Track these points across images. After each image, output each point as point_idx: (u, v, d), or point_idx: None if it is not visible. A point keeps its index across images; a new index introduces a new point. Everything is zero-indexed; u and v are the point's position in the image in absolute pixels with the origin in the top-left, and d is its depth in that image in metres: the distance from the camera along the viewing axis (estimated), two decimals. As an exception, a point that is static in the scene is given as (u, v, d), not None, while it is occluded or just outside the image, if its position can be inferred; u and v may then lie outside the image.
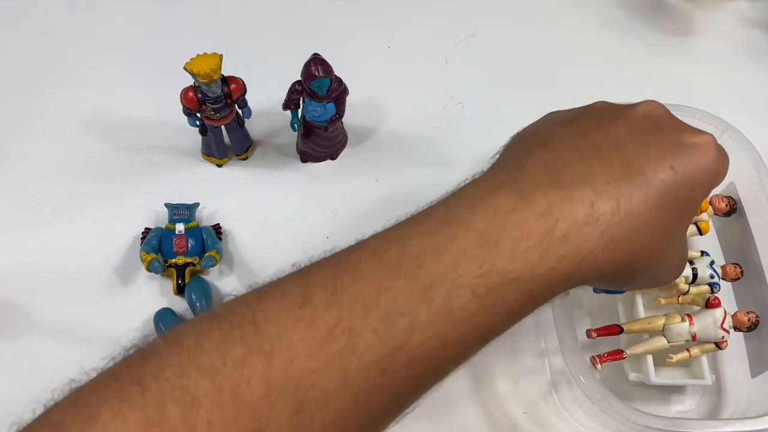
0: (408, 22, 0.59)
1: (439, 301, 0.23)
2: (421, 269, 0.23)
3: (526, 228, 0.24)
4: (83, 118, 0.52)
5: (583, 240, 0.24)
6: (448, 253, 0.24)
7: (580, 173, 0.25)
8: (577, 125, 0.28)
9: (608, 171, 0.25)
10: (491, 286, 0.23)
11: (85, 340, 0.41)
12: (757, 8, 0.61)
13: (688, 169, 0.27)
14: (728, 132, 0.43)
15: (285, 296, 0.23)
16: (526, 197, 0.25)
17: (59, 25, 0.58)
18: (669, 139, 0.27)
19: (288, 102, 0.46)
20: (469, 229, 0.24)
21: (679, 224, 0.28)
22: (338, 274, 0.24)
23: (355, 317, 0.22)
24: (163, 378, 0.21)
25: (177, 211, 0.45)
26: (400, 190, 0.49)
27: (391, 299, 0.23)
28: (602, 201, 0.25)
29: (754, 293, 0.40)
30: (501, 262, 0.24)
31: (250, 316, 0.22)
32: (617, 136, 0.27)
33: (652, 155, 0.26)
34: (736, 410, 0.38)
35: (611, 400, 0.33)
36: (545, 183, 0.25)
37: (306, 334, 0.22)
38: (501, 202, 0.25)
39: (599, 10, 0.61)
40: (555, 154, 0.26)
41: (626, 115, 0.28)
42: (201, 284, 0.43)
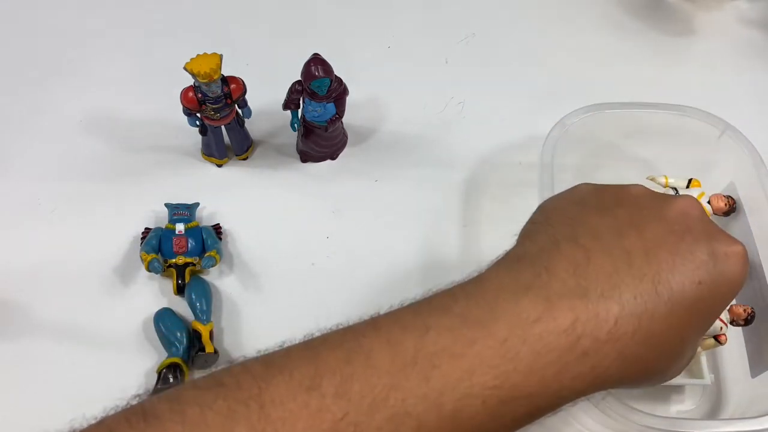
0: (408, 22, 0.59)
1: (449, 409, 0.22)
2: (435, 371, 0.23)
3: (547, 342, 0.23)
4: (83, 118, 0.52)
5: (601, 359, 0.24)
6: (465, 358, 0.23)
7: (609, 284, 0.25)
8: (611, 216, 0.27)
9: (637, 285, 0.25)
10: (503, 399, 0.23)
11: (85, 340, 0.41)
12: (757, 8, 0.61)
13: (716, 283, 0.26)
14: (728, 132, 0.43)
15: (293, 376, 0.22)
16: (551, 307, 0.24)
17: (59, 25, 0.58)
18: (701, 250, 0.26)
19: (288, 102, 0.46)
20: (489, 335, 0.23)
21: (697, 335, 0.28)
22: (349, 362, 0.23)
23: (362, 413, 0.22)
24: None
25: (177, 211, 0.45)
26: (400, 190, 0.49)
27: (401, 398, 0.22)
28: (626, 319, 0.24)
29: (754, 294, 0.40)
30: (517, 376, 0.23)
31: (257, 393, 0.22)
32: (650, 241, 0.26)
33: (683, 269, 0.25)
34: (736, 410, 0.38)
35: (611, 400, 0.33)
36: (572, 292, 0.24)
37: (311, 424, 0.21)
38: (525, 310, 0.24)
39: (599, 10, 0.61)
40: (585, 255, 0.25)
41: (662, 214, 0.27)
42: (201, 284, 0.43)
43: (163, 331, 0.41)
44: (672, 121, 0.45)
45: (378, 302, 0.44)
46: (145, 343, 0.41)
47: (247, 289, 0.44)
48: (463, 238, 0.46)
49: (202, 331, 0.40)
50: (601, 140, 0.46)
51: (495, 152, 0.51)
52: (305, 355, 0.24)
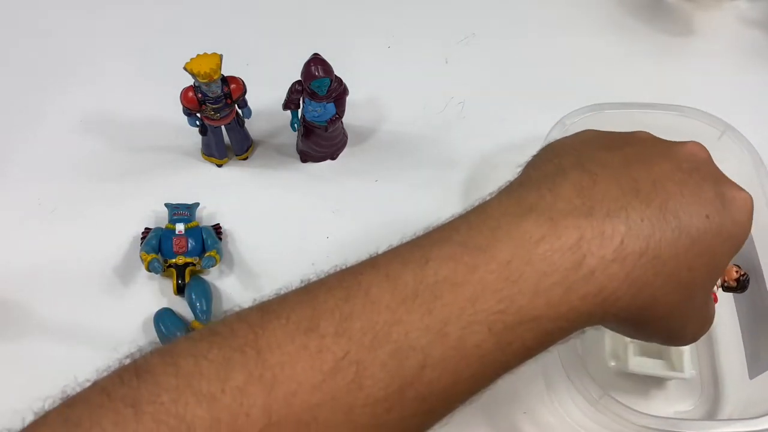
0: (408, 22, 0.59)
1: (454, 338, 0.22)
2: (437, 301, 0.22)
3: (552, 262, 0.23)
4: (83, 118, 0.52)
5: (608, 279, 0.23)
6: (468, 285, 0.22)
7: (616, 205, 0.24)
8: (619, 152, 0.27)
9: (644, 209, 0.24)
10: (509, 324, 0.22)
11: (85, 340, 0.41)
12: (757, 8, 0.61)
13: (723, 223, 0.26)
14: (728, 132, 0.43)
15: (290, 320, 0.22)
16: (555, 226, 0.23)
17: (59, 25, 0.58)
18: (708, 188, 0.26)
19: (288, 102, 0.46)
20: (491, 258, 0.23)
21: (705, 276, 0.26)
22: (347, 299, 0.22)
23: (364, 350, 0.21)
24: (159, 402, 0.20)
25: (177, 211, 0.45)
26: (400, 190, 0.49)
27: (403, 332, 0.21)
28: (633, 239, 0.23)
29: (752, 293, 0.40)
30: (522, 298, 0.22)
31: (253, 339, 0.21)
32: (658, 174, 0.26)
33: (690, 201, 0.25)
34: (734, 411, 0.38)
35: (608, 400, 0.33)
36: (578, 210, 0.24)
37: (310, 365, 0.21)
38: (528, 230, 0.23)
39: (599, 10, 0.61)
40: (592, 179, 0.25)
41: (670, 153, 0.27)
42: (201, 284, 0.43)
43: (163, 331, 0.41)
44: (672, 122, 0.45)
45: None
46: (145, 343, 0.41)
47: (247, 289, 0.44)
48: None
49: (202, 331, 0.40)
50: (600, 140, 0.46)
51: (495, 152, 0.51)
52: (302, 298, 0.23)
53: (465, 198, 0.49)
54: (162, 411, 0.20)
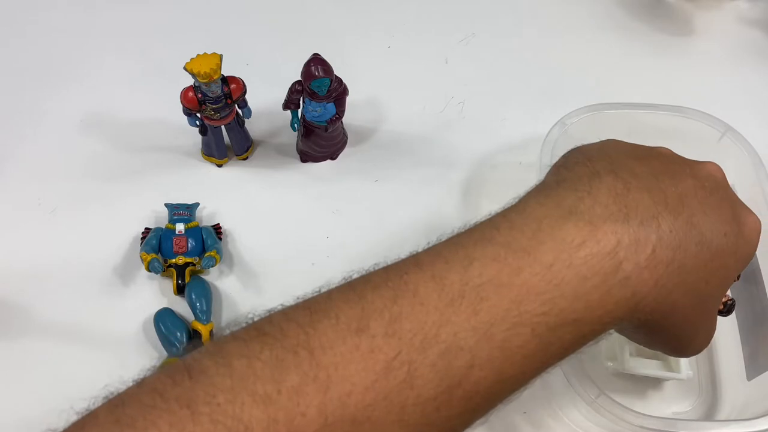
0: (408, 22, 0.59)
1: (500, 339, 0.22)
2: (483, 303, 0.23)
3: (592, 266, 0.23)
4: (83, 118, 0.52)
5: (641, 284, 0.24)
6: (512, 287, 0.23)
7: (648, 214, 0.25)
8: (647, 164, 0.28)
9: (673, 220, 0.25)
10: (551, 326, 0.23)
11: (85, 340, 0.41)
12: (757, 8, 0.61)
13: (737, 242, 0.27)
14: (728, 134, 0.43)
15: (340, 320, 0.22)
16: (595, 230, 0.24)
17: (59, 25, 0.58)
18: (727, 208, 0.28)
19: (288, 102, 0.46)
20: (534, 261, 0.23)
21: (718, 289, 0.28)
22: (395, 299, 0.22)
23: (414, 350, 0.22)
24: (215, 403, 0.20)
25: (177, 211, 0.45)
26: (400, 190, 0.49)
27: (452, 333, 0.22)
28: (663, 249, 0.25)
29: (750, 296, 0.40)
30: (564, 301, 0.23)
31: (305, 340, 0.21)
32: (684, 189, 0.27)
33: (712, 218, 0.26)
34: (732, 412, 0.38)
35: (606, 401, 0.33)
36: (615, 216, 0.25)
37: (364, 366, 0.21)
38: (569, 234, 0.24)
39: (599, 11, 0.61)
40: (626, 186, 0.26)
41: (693, 171, 0.28)
42: (201, 284, 0.43)
43: (163, 331, 0.41)
44: (672, 122, 0.45)
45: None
46: (145, 343, 0.41)
47: (247, 289, 0.44)
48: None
49: (202, 331, 0.40)
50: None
51: (495, 152, 0.51)
52: (349, 297, 0.23)
53: (465, 198, 0.49)
54: (219, 412, 0.20)
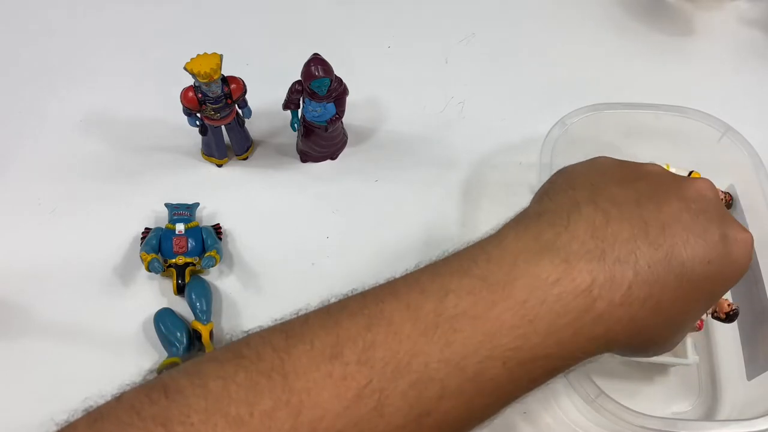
0: (408, 22, 0.59)
1: (471, 371, 0.23)
2: (457, 335, 0.23)
3: (565, 303, 0.24)
4: (84, 118, 0.52)
5: (614, 322, 0.24)
6: (486, 321, 0.23)
7: (626, 249, 0.25)
8: (632, 188, 0.28)
9: (652, 254, 0.25)
10: (522, 360, 0.23)
11: (85, 340, 0.41)
12: (757, 8, 0.61)
13: (723, 265, 0.27)
14: (728, 134, 0.43)
15: (314, 346, 0.22)
16: (570, 268, 0.24)
17: (60, 26, 0.58)
18: (714, 230, 0.27)
19: (288, 102, 0.46)
20: (509, 296, 0.24)
21: (698, 314, 0.28)
22: (370, 327, 0.23)
23: (386, 379, 0.22)
24: (189, 423, 0.20)
25: (177, 211, 0.45)
26: (400, 190, 0.49)
27: (423, 363, 0.22)
28: (639, 286, 0.25)
29: (751, 296, 0.40)
30: (536, 338, 0.23)
31: (279, 364, 0.22)
32: (668, 215, 0.27)
33: (696, 245, 0.26)
34: (732, 412, 0.38)
35: (606, 400, 0.33)
36: (591, 253, 0.25)
37: (336, 393, 0.21)
38: (545, 270, 0.24)
39: (599, 11, 0.61)
40: (605, 218, 0.26)
41: (680, 192, 0.28)
42: (201, 284, 0.43)
43: (163, 331, 0.41)
44: (672, 122, 0.45)
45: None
46: (145, 343, 0.41)
47: (247, 289, 0.44)
48: (463, 238, 0.46)
49: (202, 331, 0.40)
50: (600, 140, 0.46)
51: (495, 152, 0.51)
52: (325, 323, 0.23)
53: (465, 198, 0.49)
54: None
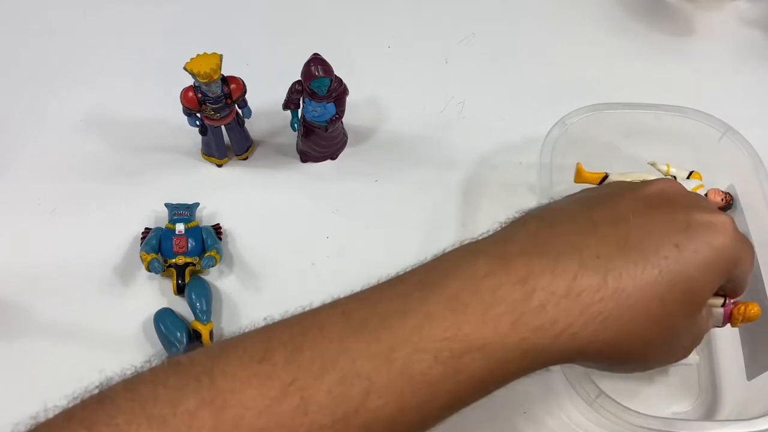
0: (408, 22, 0.59)
1: (399, 365, 0.22)
2: (384, 330, 0.23)
3: (499, 294, 0.23)
4: (83, 118, 0.52)
5: (561, 313, 0.23)
6: (415, 315, 0.23)
7: (570, 245, 0.24)
8: (585, 201, 0.27)
9: (600, 245, 0.24)
10: (456, 352, 0.22)
11: (85, 340, 0.41)
12: (757, 8, 0.61)
13: (697, 249, 0.25)
14: (728, 134, 0.43)
15: (246, 351, 0.23)
16: (505, 264, 0.24)
17: (60, 25, 0.58)
18: (679, 217, 0.26)
19: (288, 102, 0.46)
20: (440, 292, 0.23)
21: (682, 305, 0.25)
22: (302, 333, 0.23)
23: (311, 377, 0.22)
24: (113, 424, 0.21)
25: (177, 211, 0.45)
26: (400, 190, 0.49)
27: (350, 360, 0.22)
28: (587, 275, 0.23)
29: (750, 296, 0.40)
30: (468, 326, 0.23)
31: (209, 367, 0.22)
32: (620, 212, 0.26)
33: (656, 231, 0.25)
34: (732, 412, 0.38)
35: (606, 400, 0.33)
36: (529, 251, 0.24)
37: (259, 392, 0.21)
38: (478, 267, 0.24)
39: (599, 10, 0.61)
40: (550, 226, 0.25)
41: (636, 191, 0.27)
42: (201, 284, 0.43)
43: (163, 331, 0.41)
44: (672, 122, 0.45)
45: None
46: (145, 343, 0.41)
47: (247, 289, 0.44)
48: (463, 238, 0.46)
49: (202, 331, 0.40)
50: (600, 140, 0.46)
51: (495, 152, 0.51)
52: (260, 333, 0.24)
53: (465, 198, 0.49)
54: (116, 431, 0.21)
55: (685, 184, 0.42)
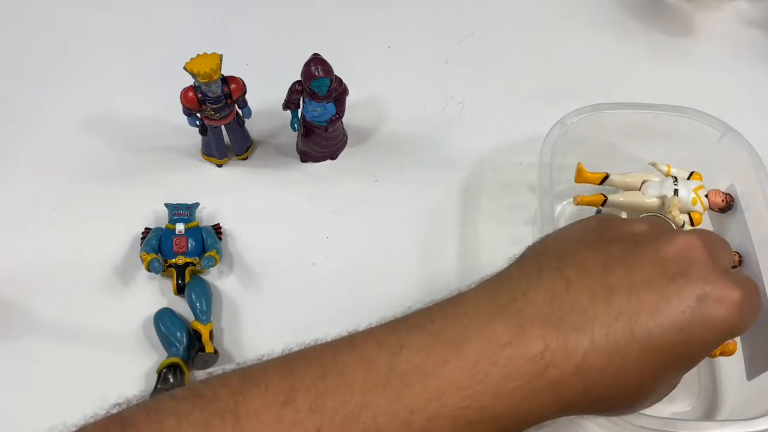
0: (408, 22, 0.59)
1: (419, 427, 0.23)
2: (407, 390, 0.23)
3: (517, 367, 0.24)
4: (84, 118, 0.52)
5: (568, 389, 0.24)
6: (437, 378, 0.23)
7: (583, 318, 0.24)
8: (604, 251, 0.27)
9: (611, 323, 0.24)
10: (471, 420, 0.23)
11: (85, 340, 0.41)
12: (757, 8, 0.61)
13: (699, 329, 0.25)
14: (728, 134, 0.43)
15: (269, 390, 0.23)
16: (523, 333, 0.24)
17: (60, 25, 0.58)
18: (691, 292, 0.25)
19: (288, 102, 0.46)
20: (460, 355, 0.24)
21: (674, 377, 0.27)
22: (324, 377, 0.23)
23: (335, 427, 0.22)
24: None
25: (177, 211, 0.45)
26: (400, 190, 0.49)
27: (372, 416, 0.23)
28: (595, 355, 0.24)
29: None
30: (486, 398, 0.23)
31: (233, 405, 0.22)
32: (638, 280, 0.25)
33: (666, 312, 0.25)
34: (732, 412, 0.38)
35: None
36: (545, 319, 0.24)
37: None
38: (497, 333, 0.24)
39: (599, 11, 0.61)
40: (566, 286, 0.25)
41: (657, 253, 0.26)
42: (201, 284, 0.43)
43: (163, 331, 0.41)
44: (672, 122, 0.45)
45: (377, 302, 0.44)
46: (145, 343, 0.41)
47: (247, 289, 0.44)
48: (463, 238, 0.47)
49: (202, 331, 0.40)
50: (600, 141, 0.46)
51: (495, 152, 0.51)
52: (282, 370, 0.24)
53: (465, 198, 0.49)
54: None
55: (685, 185, 0.43)
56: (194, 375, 0.40)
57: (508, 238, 0.46)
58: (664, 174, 0.43)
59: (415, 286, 0.44)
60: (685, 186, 0.42)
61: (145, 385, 0.40)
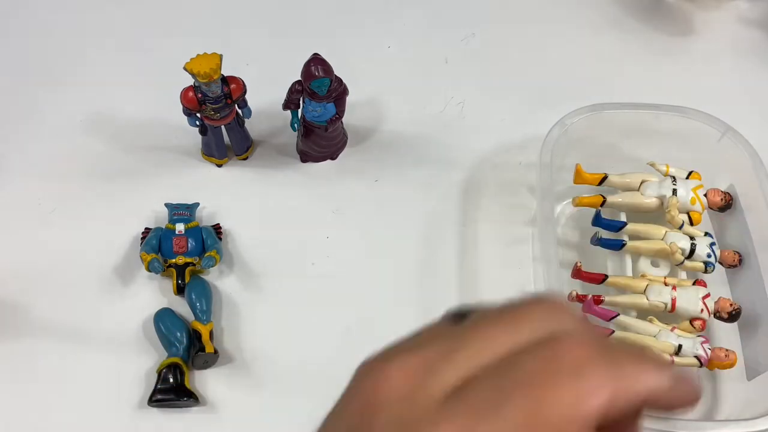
0: (408, 22, 0.59)
1: None
2: None
3: None
4: (84, 118, 0.52)
5: None
6: None
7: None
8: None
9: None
10: None
11: (85, 340, 0.41)
12: (757, 8, 0.61)
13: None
14: (728, 134, 0.43)
15: None
16: None
17: (60, 25, 0.58)
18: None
19: (288, 102, 0.46)
20: None
21: None
22: None
23: None
24: None
25: (177, 211, 0.45)
26: (400, 190, 0.49)
27: None
28: None
29: (749, 294, 0.40)
30: None
31: None
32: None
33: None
34: (732, 412, 0.38)
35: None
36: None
37: None
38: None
39: (599, 11, 0.61)
40: None
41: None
42: (201, 284, 0.43)
43: (163, 331, 0.41)
44: (672, 122, 0.45)
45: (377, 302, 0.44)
46: (145, 343, 0.41)
47: (247, 289, 0.44)
48: (462, 238, 0.47)
49: (202, 331, 0.40)
50: (600, 140, 0.46)
51: (495, 152, 0.51)
52: None
53: (465, 198, 0.49)
54: None
55: (683, 184, 0.43)
56: (194, 375, 0.40)
57: (508, 238, 0.46)
58: (663, 174, 0.43)
59: (415, 285, 0.44)
60: (683, 186, 0.42)
61: (145, 385, 0.40)
